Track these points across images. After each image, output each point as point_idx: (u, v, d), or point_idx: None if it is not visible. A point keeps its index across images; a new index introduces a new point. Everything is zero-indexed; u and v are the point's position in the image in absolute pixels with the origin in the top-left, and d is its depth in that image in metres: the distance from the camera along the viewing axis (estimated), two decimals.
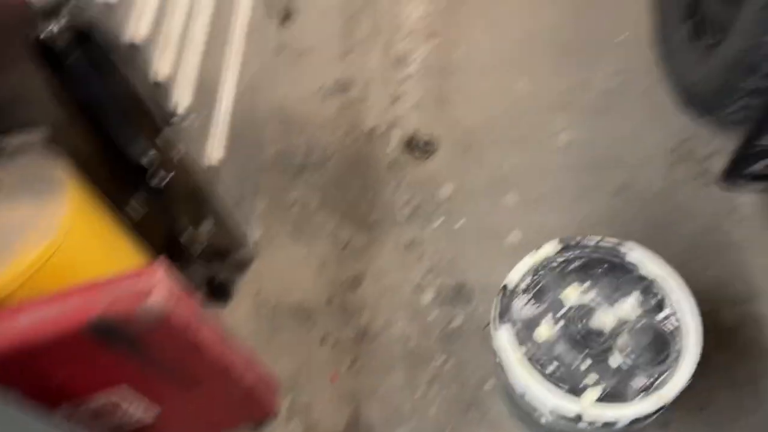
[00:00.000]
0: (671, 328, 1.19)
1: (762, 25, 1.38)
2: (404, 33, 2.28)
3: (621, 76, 2.05)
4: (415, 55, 2.22)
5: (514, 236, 1.79)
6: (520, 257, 1.73)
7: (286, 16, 2.33)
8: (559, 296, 1.27)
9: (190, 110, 1.26)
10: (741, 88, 1.51)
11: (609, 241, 1.29)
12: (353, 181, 1.98)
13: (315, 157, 2.05)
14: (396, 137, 2.04)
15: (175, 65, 1.23)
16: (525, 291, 1.25)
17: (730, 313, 1.60)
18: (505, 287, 1.27)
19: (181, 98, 1.24)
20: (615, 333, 1.18)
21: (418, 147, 1.99)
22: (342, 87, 2.19)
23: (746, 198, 1.75)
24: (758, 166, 1.49)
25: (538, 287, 1.27)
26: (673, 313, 1.20)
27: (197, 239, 1.53)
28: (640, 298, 1.22)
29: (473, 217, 1.85)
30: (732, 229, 1.72)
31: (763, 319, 1.58)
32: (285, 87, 2.19)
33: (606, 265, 1.27)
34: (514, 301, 1.23)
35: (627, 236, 1.74)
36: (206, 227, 1.51)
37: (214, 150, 1.42)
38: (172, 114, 1.22)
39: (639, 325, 1.17)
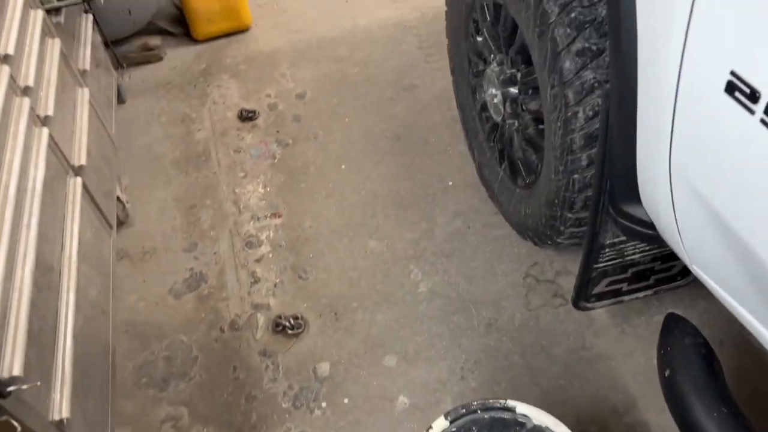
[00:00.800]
0: None
1: (565, 166, 1.56)
2: (249, 215, 2.29)
3: (461, 218, 2.20)
4: (265, 234, 2.22)
5: (402, 402, 1.75)
6: (414, 422, 1.71)
7: (123, 222, 2.24)
8: None
9: (24, 375, 1.11)
10: (565, 220, 1.67)
11: (493, 402, 1.29)
12: (225, 380, 1.86)
13: (178, 364, 1.91)
14: (262, 322, 1.97)
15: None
16: None
17: (618, 427, 1.66)
18: None
19: (13, 365, 1.10)
20: None
21: (286, 328, 1.94)
22: (195, 281, 2.11)
23: (599, 309, 1.89)
24: (601, 287, 1.63)
25: None
26: None
27: None
28: None
29: (357, 390, 1.80)
30: (594, 342, 1.83)
31: (647, 424, 1.65)
32: (132, 296, 2.07)
33: (500, 425, 1.27)
34: None
35: (506, 372, 1.80)
36: None
37: (60, 404, 1.26)
38: (5, 385, 1.07)
39: None
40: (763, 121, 0.85)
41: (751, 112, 0.86)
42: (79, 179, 1.77)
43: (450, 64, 2.27)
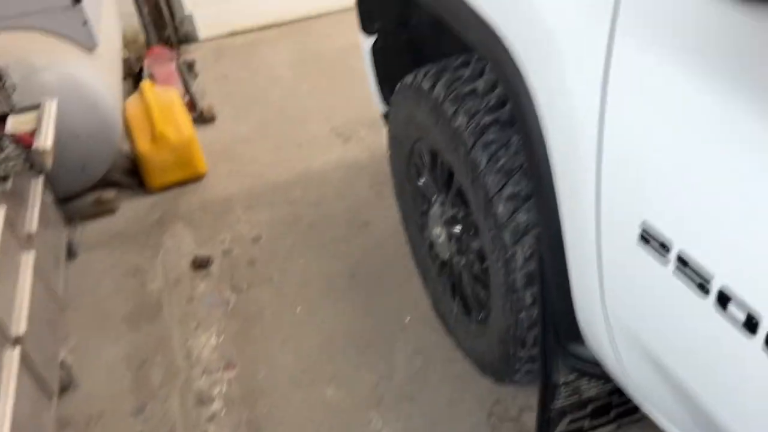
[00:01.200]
0: None
1: (511, 305, 1.56)
2: (201, 368, 2.20)
3: (420, 355, 2.15)
4: (217, 389, 2.13)
5: None
6: None
7: (66, 386, 2.13)
8: None
9: None
10: (518, 358, 1.65)
11: None
12: None
13: None
14: None
15: None
16: None
17: None
18: None
19: None
20: None
21: None
22: None
23: None
24: (562, 425, 1.58)
25: None
26: None
27: None
28: None
29: None
30: None
31: None
32: None
33: None
34: None
35: None
36: None
37: None
38: None
39: None
40: (675, 272, 0.87)
41: (665, 263, 0.89)
42: (17, 350, 1.70)
43: (398, 203, 2.33)
